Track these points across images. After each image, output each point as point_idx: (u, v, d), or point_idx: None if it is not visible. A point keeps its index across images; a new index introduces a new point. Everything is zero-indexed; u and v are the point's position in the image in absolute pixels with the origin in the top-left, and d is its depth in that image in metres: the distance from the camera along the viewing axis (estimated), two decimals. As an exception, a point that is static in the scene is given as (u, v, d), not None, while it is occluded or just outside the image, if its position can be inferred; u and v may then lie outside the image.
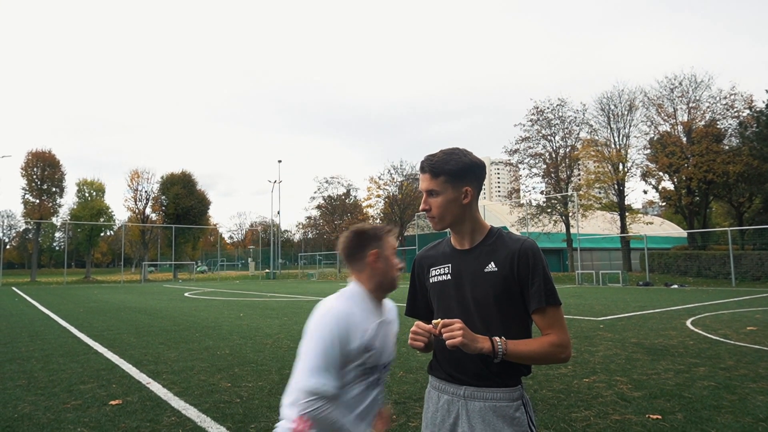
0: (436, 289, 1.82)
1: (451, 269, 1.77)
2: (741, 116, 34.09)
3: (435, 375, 1.81)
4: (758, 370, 5.86)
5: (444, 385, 1.75)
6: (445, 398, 1.73)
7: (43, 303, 19.10)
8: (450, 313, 1.73)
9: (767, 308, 13.01)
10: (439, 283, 1.80)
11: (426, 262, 1.88)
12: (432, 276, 1.83)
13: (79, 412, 4.62)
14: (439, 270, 1.82)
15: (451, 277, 1.77)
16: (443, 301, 1.79)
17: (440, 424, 1.73)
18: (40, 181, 51.77)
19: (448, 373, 1.74)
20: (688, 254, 30.64)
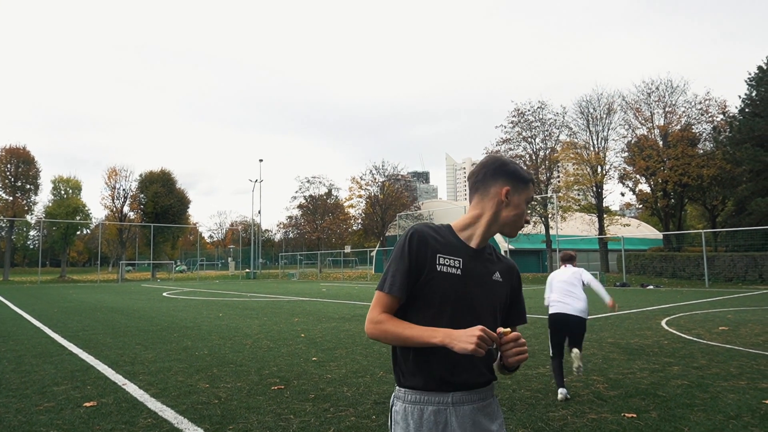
0: (441, 282, 1.59)
1: (462, 265, 1.62)
2: (715, 121, 34.94)
3: (415, 387, 1.58)
4: (730, 368, 6.00)
5: (427, 396, 1.58)
6: (430, 409, 1.57)
7: (16, 303, 18.64)
8: (459, 314, 1.60)
9: (739, 308, 13.35)
10: (449, 276, 1.60)
11: (433, 245, 1.61)
12: (439, 264, 1.60)
13: (52, 414, 4.52)
14: (448, 260, 1.61)
15: (461, 273, 1.61)
16: (448, 297, 1.59)
17: None
18: (13, 177, 50.49)
19: (438, 381, 1.58)
20: (663, 256, 31.26)
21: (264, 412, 4.52)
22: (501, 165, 1.70)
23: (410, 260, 1.59)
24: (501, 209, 1.68)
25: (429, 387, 1.58)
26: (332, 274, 52.05)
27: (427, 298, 1.59)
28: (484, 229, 1.69)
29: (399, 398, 1.61)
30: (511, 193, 1.68)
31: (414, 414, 1.58)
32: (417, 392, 1.58)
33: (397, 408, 1.61)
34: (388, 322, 1.57)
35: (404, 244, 1.61)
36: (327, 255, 57.56)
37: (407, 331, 1.55)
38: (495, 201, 1.68)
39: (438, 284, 1.58)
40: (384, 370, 6.09)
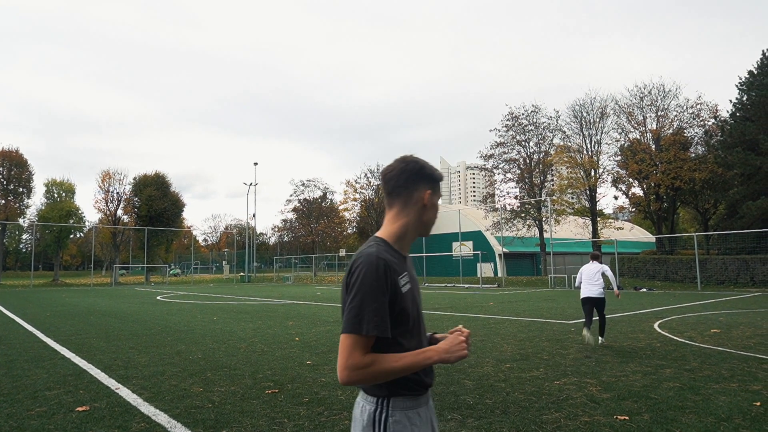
0: (407, 302, 1.59)
1: (409, 278, 1.64)
2: (707, 125, 35.25)
3: (414, 394, 1.60)
4: (721, 371, 6.05)
5: (418, 400, 1.61)
6: (422, 410, 1.63)
7: (8, 306, 18.50)
8: (421, 325, 1.66)
9: (731, 311, 13.44)
10: (408, 294, 1.60)
11: (394, 269, 1.57)
12: (402, 286, 1.58)
13: (44, 419, 4.50)
14: (404, 279, 1.60)
15: (411, 286, 1.63)
16: (413, 314, 1.62)
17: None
18: (6, 180, 50.16)
19: (423, 385, 1.62)
20: (656, 259, 31.42)
21: (258, 416, 4.52)
22: (421, 168, 1.68)
23: (388, 293, 1.52)
24: (424, 213, 1.68)
25: (422, 393, 1.62)
26: (327, 277, 51.97)
27: (402, 321, 1.56)
28: (412, 237, 1.69)
29: (396, 408, 1.58)
30: (432, 195, 1.68)
31: (414, 418, 1.59)
32: (410, 399, 1.59)
33: (397, 417, 1.57)
34: (377, 362, 1.49)
35: (377, 276, 1.50)
36: (322, 258, 57.44)
37: (400, 363, 1.51)
38: (419, 206, 1.66)
39: (406, 305, 1.57)
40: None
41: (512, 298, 20.26)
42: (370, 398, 1.59)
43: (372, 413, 1.57)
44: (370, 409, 1.58)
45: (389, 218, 1.68)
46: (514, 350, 7.72)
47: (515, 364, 6.69)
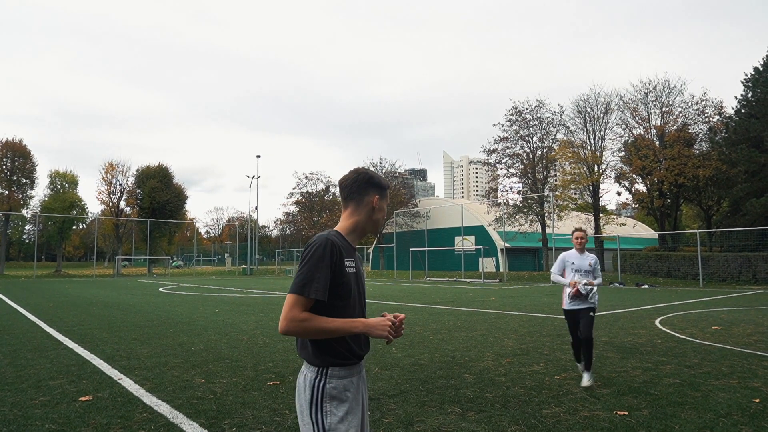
0: (350, 281, 1.95)
1: (355, 264, 2.02)
2: (711, 122, 35.04)
3: (346, 364, 1.93)
4: (721, 368, 6.06)
5: (351, 369, 1.95)
6: (355, 379, 1.96)
7: (11, 297, 18.60)
8: (361, 305, 2.03)
9: (732, 308, 13.44)
10: (352, 275, 1.98)
11: (341, 252, 1.94)
12: (347, 267, 1.95)
13: (48, 408, 4.54)
14: (350, 262, 1.98)
15: (356, 271, 2.02)
16: (354, 292, 1.98)
17: (356, 402, 1.95)
18: (9, 171, 50.31)
19: (356, 355, 1.95)
20: (658, 255, 31.37)
21: (259, 408, 4.55)
22: (370, 178, 2.10)
23: (331, 267, 1.89)
24: (372, 214, 2.09)
25: (353, 363, 1.95)
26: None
27: (342, 295, 1.93)
28: (360, 232, 2.10)
29: (333, 376, 1.90)
30: (379, 200, 2.10)
31: (348, 386, 1.92)
32: (345, 369, 1.92)
33: (333, 384, 1.89)
34: (312, 319, 1.83)
35: (323, 253, 1.88)
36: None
37: (331, 325, 1.85)
38: (368, 208, 2.08)
39: (348, 283, 1.94)
40: (379, 367, 6.12)
41: (514, 293, 20.28)
42: (312, 368, 1.91)
43: (312, 380, 1.90)
44: (311, 377, 1.90)
45: (344, 216, 2.10)
46: (515, 345, 7.75)
47: (516, 358, 6.71)
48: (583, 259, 5.81)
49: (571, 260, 5.83)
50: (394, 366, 6.19)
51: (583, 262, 5.78)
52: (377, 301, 16.37)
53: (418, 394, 4.97)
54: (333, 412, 1.87)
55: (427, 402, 4.71)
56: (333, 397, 1.88)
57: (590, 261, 5.79)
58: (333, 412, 1.87)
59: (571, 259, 5.83)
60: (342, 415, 1.88)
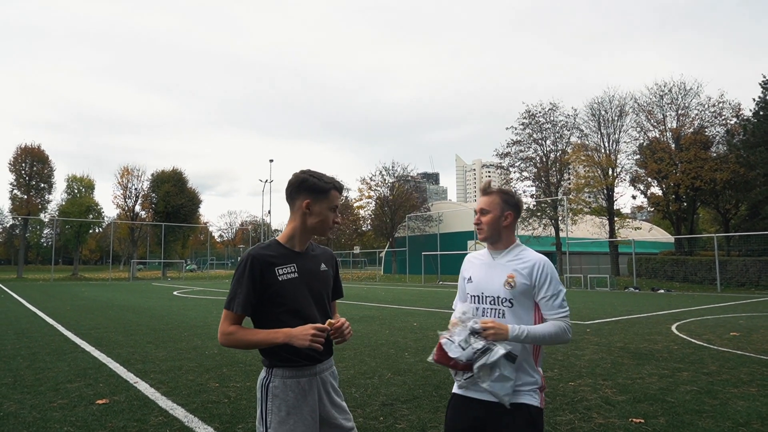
0: (285, 287, 2.02)
1: (297, 268, 2.06)
2: (728, 124, 34.56)
3: (291, 366, 2.01)
4: (740, 375, 5.96)
5: (300, 371, 2.02)
6: (304, 380, 2.02)
7: (30, 300, 18.91)
8: (305, 306, 2.05)
9: (751, 314, 13.21)
10: (290, 281, 2.03)
11: (270, 262, 2.02)
12: (280, 275, 2.02)
13: (66, 411, 4.60)
14: (286, 269, 2.04)
15: (298, 275, 2.06)
16: (294, 296, 2.04)
17: (303, 404, 2.00)
18: (28, 176, 51.22)
19: (307, 358, 2.02)
20: (675, 259, 30.97)
21: (273, 412, 4.57)
22: (301, 182, 2.08)
23: (253, 281, 1.97)
24: (306, 218, 2.08)
25: (299, 363, 2.01)
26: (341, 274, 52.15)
27: (278, 302, 2.00)
28: (299, 236, 2.11)
29: (277, 376, 2.00)
30: (312, 204, 2.07)
31: (292, 386, 2.00)
32: (289, 369, 2.00)
33: (276, 383, 2.00)
34: (237, 332, 1.98)
35: (243, 269, 1.98)
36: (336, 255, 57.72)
37: (254, 338, 1.96)
38: (300, 212, 2.08)
39: (284, 289, 2.00)
40: (392, 372, 6.12)
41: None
42: (263, 368, 2.06)
43: (262, 379, 2.05)
44: (261, 376, 2.06)
45: (288, 221, 2.16)
46: (529, 350, 7.69)
47: (530, 364, 6.66)
48: (495, 267, 2.28)
49: (468, 270, 2.41)
50: (407, 371, 6.18)
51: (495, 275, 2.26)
52: (389, 305, 16.35)
53: (431, 400, 4.96)
54: (275, 411, 1.98)
55: (441, 408, 4.70)
56: (275, 396, 1.98)
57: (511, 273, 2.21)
58: (275, 411, 1.98)
59: (470, 267, 2.41)
60: (284, 416, 1.96)
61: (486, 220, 2.29)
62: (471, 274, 2.38)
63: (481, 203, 2.33)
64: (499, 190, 2.32)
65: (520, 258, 2.26)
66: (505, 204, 2.29)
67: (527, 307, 2.21)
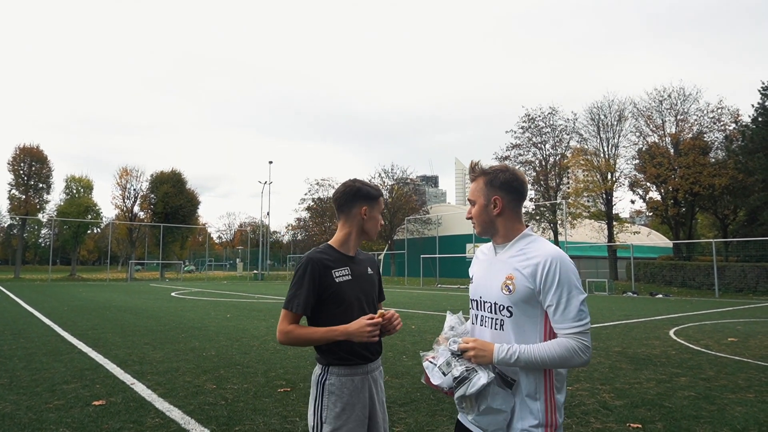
0: (342, 288, 2.14)
1: (350, 271, 2.19)
2: (727, 130, 34.61)
3: (346, 364, 2.10)
4: (738, 381, 5.96)
5: (354, 369, 2.12)
6: (358, 378, 2.12)
7: (27, 300, 18.86)
8: (360, 307, 2.17)
9: (749, 320, 13.21)
10: (345, 282, 2.16)
11: (327, 265, 2.15)
12: (336, 277, 2.14)
13: (62, 412, 4.59)
14: (341, 272, 2.17)
15: (352, 277, 2.18)
16: (350, 297, 2.16)
17: (356, 401, 2.09)
18: (26, 176, 51.13)
19: (359, 356, 2.12)
20: (673, 264, 30.98)
21: (270, 414, 4.56)
22: (357, 191, 2.22)
23: (312, 283, 2.10)
24: (363, 223, 2.24)
25: (354, 363, 2.11)
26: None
27: (336, 302, 2.12)
28: (354, 241, 2.25)
29: (333, 374, 2.10)
30: (369, 210, 2.23)
31: (347, 383, 2.09)
32: (345, 368, 2.11)
33: (332, 380, 2.09)
34: (296, 330, 2.09)
35: (303, 272, 2.12)
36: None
37: (314, 335, 2.07)
38: (358, 219, 2.22)
39: (341, 290, 2.13)
40: (389, 375, 6.11)
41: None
42: (318, 365, 2.16)
43: (318, 376, 2.14)
44: (317, 373, 2.15)
45: (338, 227, 2.27)
46: (527, 354, 7.68)
47: (527, 368, 6.65)
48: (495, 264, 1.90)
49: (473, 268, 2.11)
50: (404, 374, 6.17)
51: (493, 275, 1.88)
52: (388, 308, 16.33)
53: (429, 403, 4.95)
54: (330, 407, 2.07)
55: (438, 411, 4.69)
56: (331, 393, 2.08)
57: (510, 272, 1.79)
58: (330, 407, 2.07)
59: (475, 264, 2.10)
60: (338, 411, 2.05)
61: (474, 212, 1.92)
62: (473, 273, 2.02)
63: (469, 192, 1.99)
64: (481, 172, 1.91)
65: (524, 253, 1.79)
66: (489, 187, 1.87)
67: (533, 317, 1.75)
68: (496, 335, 1.79)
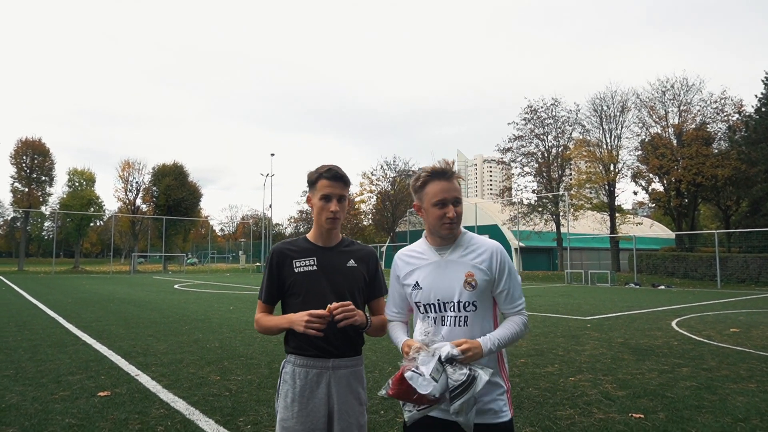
0: (302, 278, 2.09)
1: (317, 262, 2.11)
2: (730, 120, 34.44)
3: (304, 355, 2.05)
4: (739, 371, 5.97)
5: (311, 361, 2.04)
6: (314, 371, 2.04)
7: (31, 293, 18.95)
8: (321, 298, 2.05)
9: (751, 310, 13.22)
10: (306, 273, 2.10)
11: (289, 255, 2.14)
12: (296, 267, 2.11)
13: (67, 403, 4.62)
14: (304, 262, 2.11)
15: (317, 268, 2.11)
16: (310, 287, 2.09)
17: (309, 395, 2.02)
18: (29, 169, 51.24)
19: (318, 349, 2.03)
20: (675, 255, 30.96)
21: (274, 405, 4.58)
22: (308, 175, 2.12)
23: (271, 273, 2.13)
24: (314, 212, 2.12)
25: (311, 354, 2.04)
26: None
27: (294, 293, 2.10)
28: (317, 231, 2.16)
29: (289, 362, 2.09)
30: (311, 197, 2.13)
31: (300, 373, 2.05)
32: (301, 358, 2.06)
33: (287, 369, 2.09)
34: (261, 319, 2.16)
35: (267, 262, 2.16)
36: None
37: (270, 323, 2.12)
38: (310, 207, 2.14)
39: (298, 281, 2.09)
40: (393, 366, 6.13)
41: (528, 292, 20.16)
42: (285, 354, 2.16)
43: (282, 364, 2.16)
44: (282, 362, 2.17)
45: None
46: (529, 345, 7.71)
47: (530, 359, 6.68)
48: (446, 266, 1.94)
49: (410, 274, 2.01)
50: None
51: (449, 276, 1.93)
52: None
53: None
54: (282, 396, 2.07)
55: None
56: (285, 382, 2.08)
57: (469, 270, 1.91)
58: (282, 396, 2.07)
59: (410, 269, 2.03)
60: (288, 402, 2.03)
61: (461, 213, 1.93)
62: (417, 279, 1.96)
63: (453, 190, 1.90)
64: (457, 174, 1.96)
65: (472, 250, 1.93)
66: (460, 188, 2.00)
67: (488, 306, 1.94)
68: (460, 331, 1.88)
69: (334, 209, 2.07)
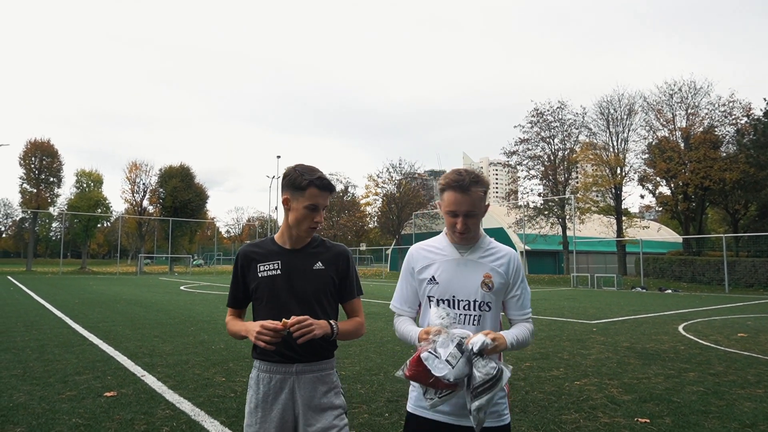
0: (265, 283, 2.03)
1: (281, 265, 2.04)
2: (739, 124, 34.23)
3: (268, 360, 2.00)
4: (747, 376, 5.93)
5: (275, 366, 1.99)
6: (278, 377, 1.99)
7: (39, 293, 19.09)
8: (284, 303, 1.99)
9: (759, 315, 13.11)
10: (269, 277, 2.02)
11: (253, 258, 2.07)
12: (260, 271, 2.04)
13: (74, 402, 4.65)
14: (267, 266, 2.04)
15: (281, 272, 2.03)
16: (272, 292, 2.02)
17: (272, 401, 1.98)
18: (38, 170, 51.67)
19: (280, 355, 1.97)
20: (683, 259, 30.77)
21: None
22: (284, 176, 2.02)
23: (235, 276, 2.10)
24: (288, 215, 2.02)
25: (275, 360, 1.99)
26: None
27: (258, 297, 2.04)
28: (286, 233, 2.06)
29: (255, 367, 2.04)
30: (290, 200, 2.00)
31: (264, 379, 2.00)
32: (265, 363, 2.01)
33: (253, 374, 2.05)
34: (228, 323, 2.13)
35: (234, 265, 2.12)
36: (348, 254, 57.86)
37: (234, 328, 2.07)
38: (285, 208, 2.03)
39: (261, 285, 2.02)
40: (397, 369, 6.13)
41: (533, 296, 20.09)
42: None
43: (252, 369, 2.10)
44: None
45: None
46: (534, 349, 7.68)
47: (535, 363, 6.66)
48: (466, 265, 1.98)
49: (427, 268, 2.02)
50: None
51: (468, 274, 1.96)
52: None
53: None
54: (247, 401, 2.05)
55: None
56: (250, 386, 2.05)
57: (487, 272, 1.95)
58: (247, 401, 2.05)
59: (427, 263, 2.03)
60: (252, 407, 2.01)
61: (473, 224, 1.92)
62: (434, 273, 1.97)
63: (465, 204, 1.87)
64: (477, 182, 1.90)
65: (491, 253, 1.98)
66: (485, 196, 1.94)
67: (499, 309, 2.00)
68: (471, 330, 1.86)
69: (318, 220, 2.00)
